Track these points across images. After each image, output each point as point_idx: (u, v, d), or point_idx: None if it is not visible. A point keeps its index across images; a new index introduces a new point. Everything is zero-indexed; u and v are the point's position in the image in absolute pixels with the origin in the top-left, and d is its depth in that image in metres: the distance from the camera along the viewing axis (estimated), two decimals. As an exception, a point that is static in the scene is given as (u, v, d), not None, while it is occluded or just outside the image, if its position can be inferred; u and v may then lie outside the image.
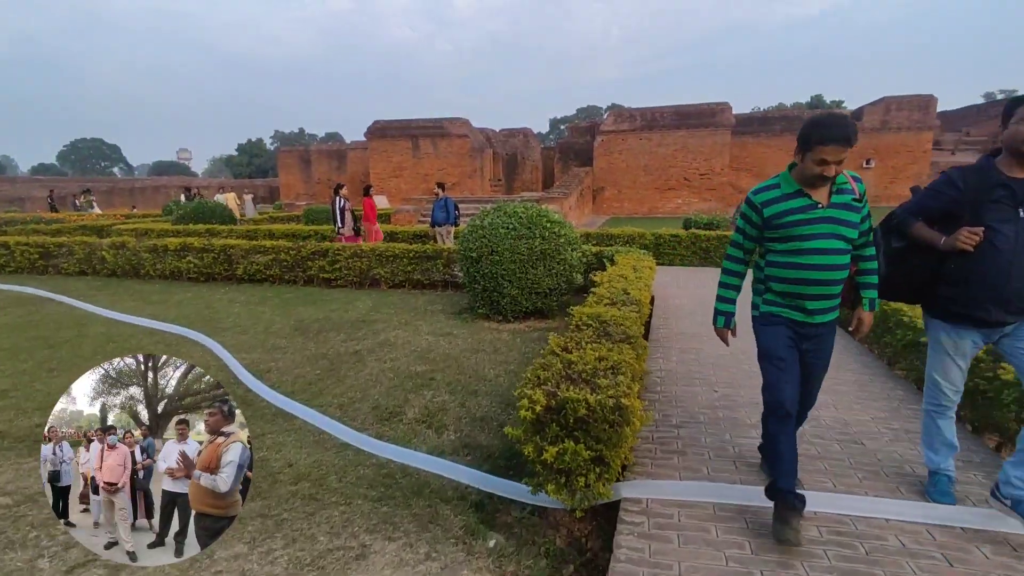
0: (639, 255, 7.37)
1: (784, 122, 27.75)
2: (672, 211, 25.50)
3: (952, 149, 28.57)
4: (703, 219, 12.30)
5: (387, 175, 29.57)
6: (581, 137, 30.94)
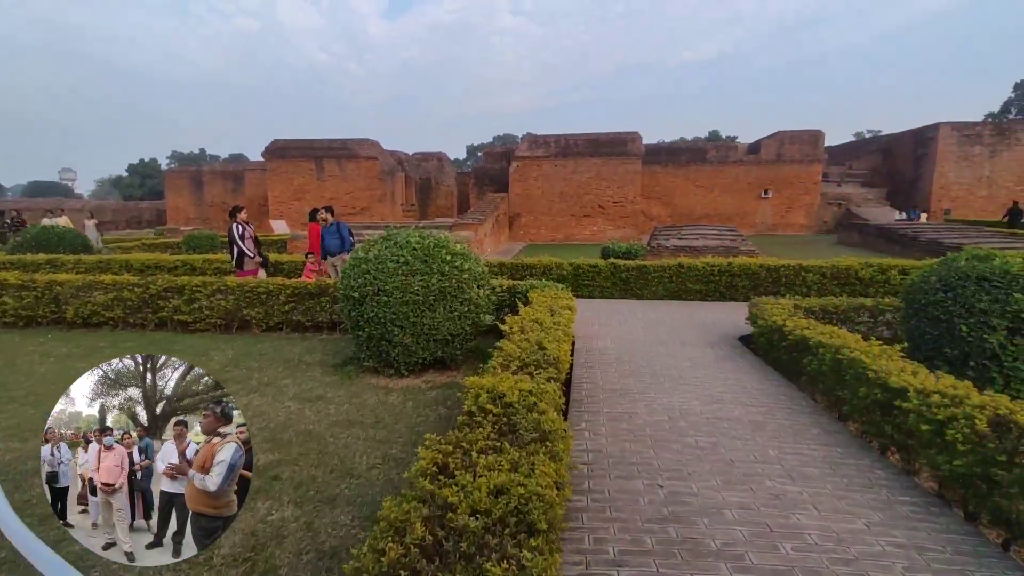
0: (556, 291, 6.43)
1: (689, 153, 28.70)
2: (588, 238, 25.31)
3: (839, 181, 30.76)
4: (621, 247, 11.74)
5: (287, 198, 27.39)
6: (496, 163, 30.40)
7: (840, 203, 28.36)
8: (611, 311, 8.69)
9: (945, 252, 15.47)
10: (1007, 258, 4.67)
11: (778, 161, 27.53)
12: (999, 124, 26.95)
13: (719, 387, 4.72)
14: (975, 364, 4.60)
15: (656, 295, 9.86)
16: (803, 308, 6.33)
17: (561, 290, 6.44)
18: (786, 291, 9.37)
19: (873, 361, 3.76)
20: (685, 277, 9.73)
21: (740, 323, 7.45)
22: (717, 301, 9.64)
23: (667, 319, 8.01)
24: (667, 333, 7.04)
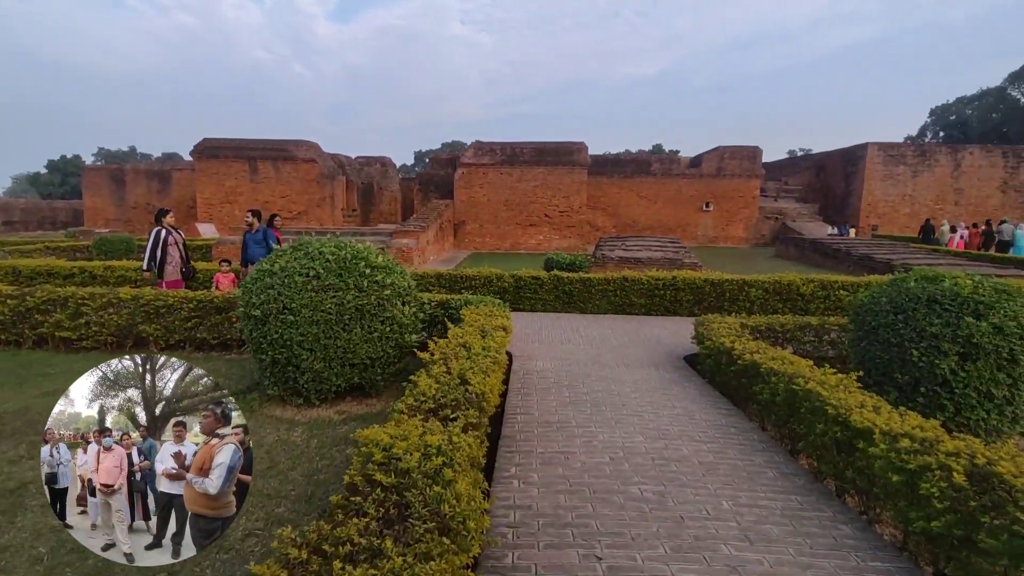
0: (492, 307, 5.89)
1: (634, 165, 28.98)
2: (535, 247, 25.02)
3: (775, 196, 31.87)
4: (565, 259, 11.38)
5: (218, 201, 25.77)
6: (442, 169, 29.76)
7: (777, 217, 29.32)
8: (553, 326, 8.24)
9: (877, 267, 16.03)
10: (956, 279, 4.49)
11: (719, 175, 28.18)
12: (921, 146, 28.62)
13: (665, 418, 4.31)
14: (925, 390, 4.38)
15: (600, 309, 9.51)
16: (750, 327, 6.06)
17: (497, 307, 5.91)
18: (730, 306, 9.21)
19: (831, 394, 3.41)
20: (629, 291, 9.42)
21: (686, 341, 7.14)
22: (662, 316, 9.38)
23: (611, 336, 7.62)
24: (610, 352, 6.64)
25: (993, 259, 16.50)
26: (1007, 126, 51.73)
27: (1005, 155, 27.91)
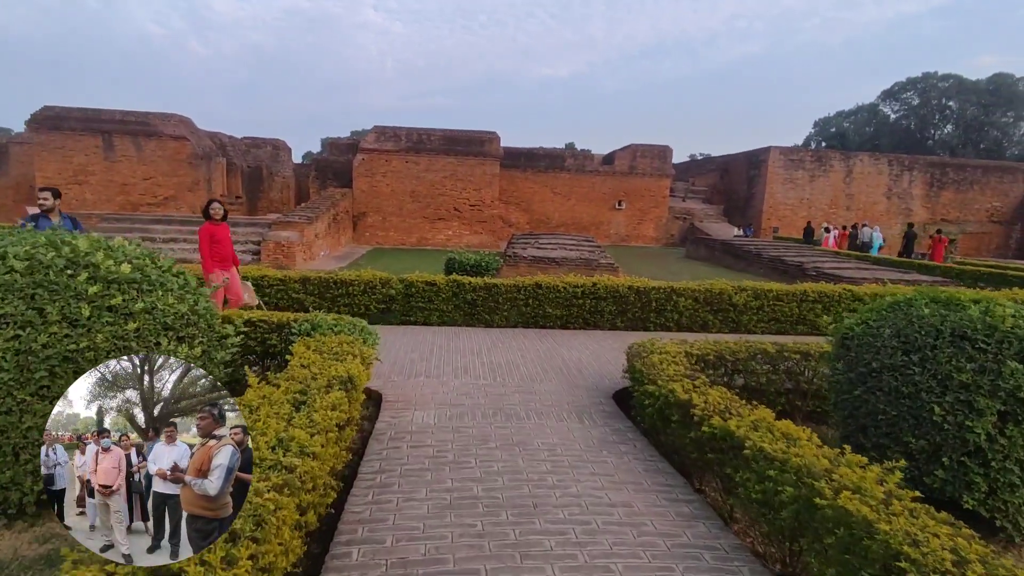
0: (347, 337, 4.06)
1: (548, 159, 27.83)
2: (444, 242, 23.14)
3: (683, 196, 32.08)
4: (469, 258, 9.70)
5: (64, 182, 21.49)
6: (342, 155, 26.99)
7: (685, 217, 29.42)
8: (449, 347, 6.52)
9: (790, 270, 15.73)
10: (987, 305, 3.26)
11: (631, 173, 27.72)
12: (818, 152, 29.75)
13: (603, 536, 2.70)
14: (949, 462, 3.13)
15: (509, 321, 7.91)
16: (695, 356, 4.68)
17: (354, 337, 4.09)
18: (656, 318, 7.96)
19: (887, 521, 1.96)
20: (543, 300, 7.90)
21: (612, 368, 5.70)
22: (580, 329, 7.95)
23: (520, 362, 6.03)
24: (519, 390, 5.03)
25: (896, 263, 16.78)
26: (879, 139, 56.53)
27: (890, 163, 29.66)
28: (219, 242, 6.32)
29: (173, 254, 15.19)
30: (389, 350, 6.08)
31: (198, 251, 6.46)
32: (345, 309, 7.67)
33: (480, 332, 7.51)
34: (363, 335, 4.32)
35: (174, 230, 15.08)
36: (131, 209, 20.97)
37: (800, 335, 8.20)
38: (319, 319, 4.39)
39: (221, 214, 6.44)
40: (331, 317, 4.52)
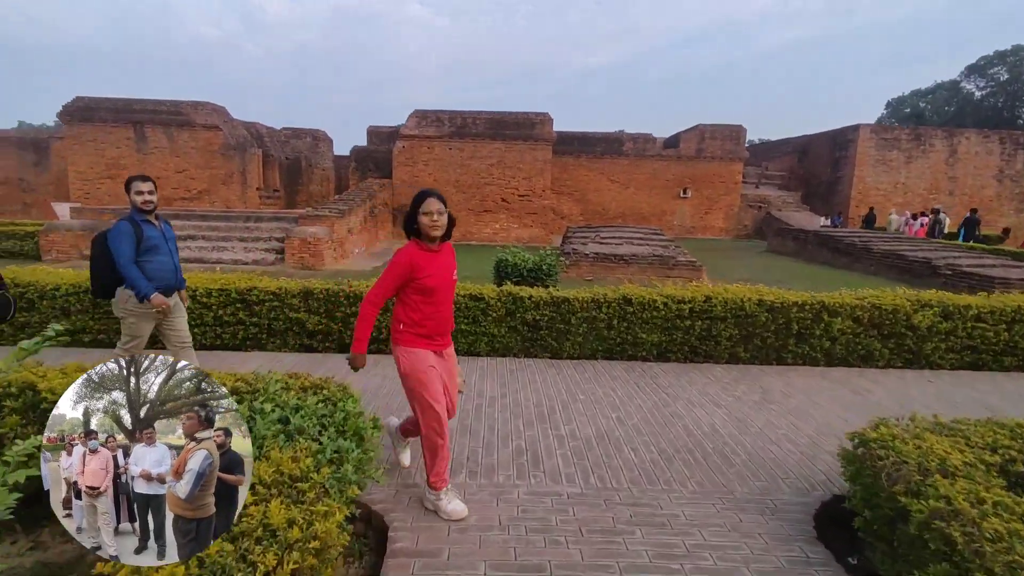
0: (320, 428, 1.90)
1: (605, 144, 25.26)
2: (490, 237, 21.07)
3: (756, 182, 28.84)
4: (526, 260, 7.48)
5: (96, 175, 20.70)
6: (383, 144, 25.33)
7: (760, 206, 26.28)
8: (503, 403, 4.35)
9: (914, 268, 12.76)
10: None
11: (698, 157, 24.86)
12: (916, 130, 25.96)
13: None
14: None
15: (584, 351, 5.68)
16: (993, 463, 2.33)
17: (330, 446, 1.94)
18: (797, 345, 5.56)
19: None
20: (633, 321, 5.62)
21: (772, 442, 3.40)
22: (687, 362, 5.65)
23: (622, 435, 3.79)
24: (639, 514, 2.81)
25: None
26: (961, 118, 50.80)
27: (1002, 141, 25.58)
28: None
29: (189, 252, 13.70)
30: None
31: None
32: (361, 333, 5.63)
33: (546, 368, 5.30)
34: (352, 430, 2.21)
35: (192, 226, 13.54)
36: (165, 204, 19.82)
37: (1008, 371, 5.62)
38: (262, 399, 2.29)
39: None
40: (292, 389, 2.42)
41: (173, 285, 3.98)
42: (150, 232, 3.82)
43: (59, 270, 6.23)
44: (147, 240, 3.77)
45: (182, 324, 4.09)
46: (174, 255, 4.02)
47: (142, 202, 3.79)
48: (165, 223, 4.08)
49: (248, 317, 5.66)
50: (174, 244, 4.08)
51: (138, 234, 3.73)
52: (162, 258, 3.87)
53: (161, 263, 3.86)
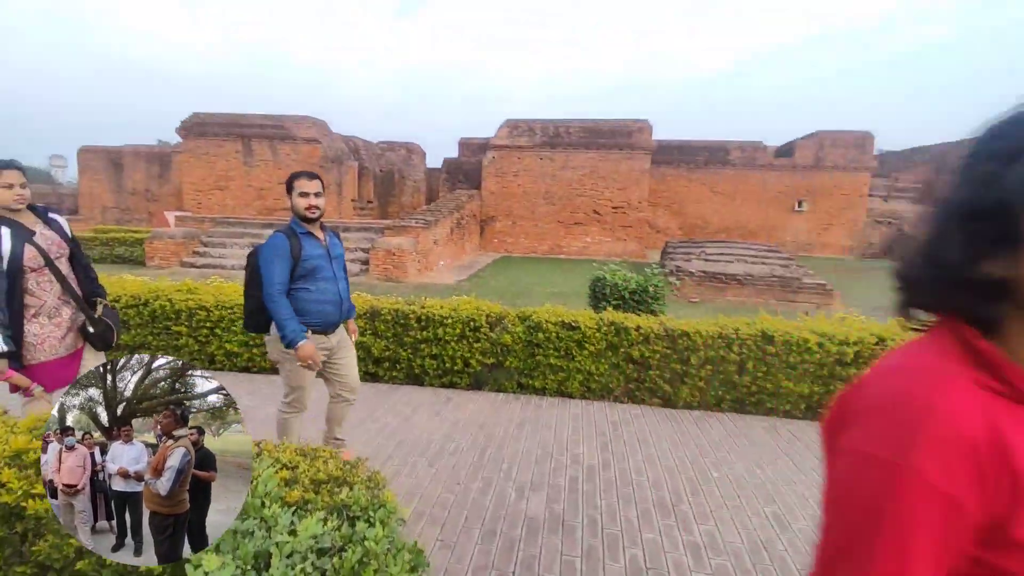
0: None
1: (708, 152, 23.39)
2: (580, 251, 19.95)
3: (885, 195, 25.56)
4: (628, 280, 6.30)
5: (208, 187, 21.91)
6: (474, 155, 25.09)
7: (890, 222, 23.15)
8: (604, 478, 3.23)
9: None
10: None
11: (816, 167, 22.33)
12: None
13: None
14: None
15: (705, 399, 4.44)
16: None
17: None
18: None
19: None
20: (775, 365, 4.31)
21: None
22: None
23: (792, 548, 2.55)
24: None
25: None
26: None
27: None
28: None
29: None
30: (475, 478, 2.98)
31: None
32: (432, 364, 4.75)
33: (659, 422, 4.12)
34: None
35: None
36: (267, 214, 20.58)
37: None
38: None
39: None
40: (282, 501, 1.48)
41: (337, 319, 2.93)
42: (311, 249, 2.79)
43: (129, 278, 5.92)
44: (307, 259, 2.76)
45: (349, 367, 3.09)
46: (340, 280, 2.96)
47: (307, 207, 2.77)
48: (332, 235, 3.04)
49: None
50: (342, 264, 3.02)
51: (295, 251, 2.74)
52: (324, 284, 2.84)
53: (322, 291, 2.83)
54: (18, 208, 2.55)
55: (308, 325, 2.77)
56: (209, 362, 5.15)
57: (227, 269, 12.51)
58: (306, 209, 2.76)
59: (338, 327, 3.00)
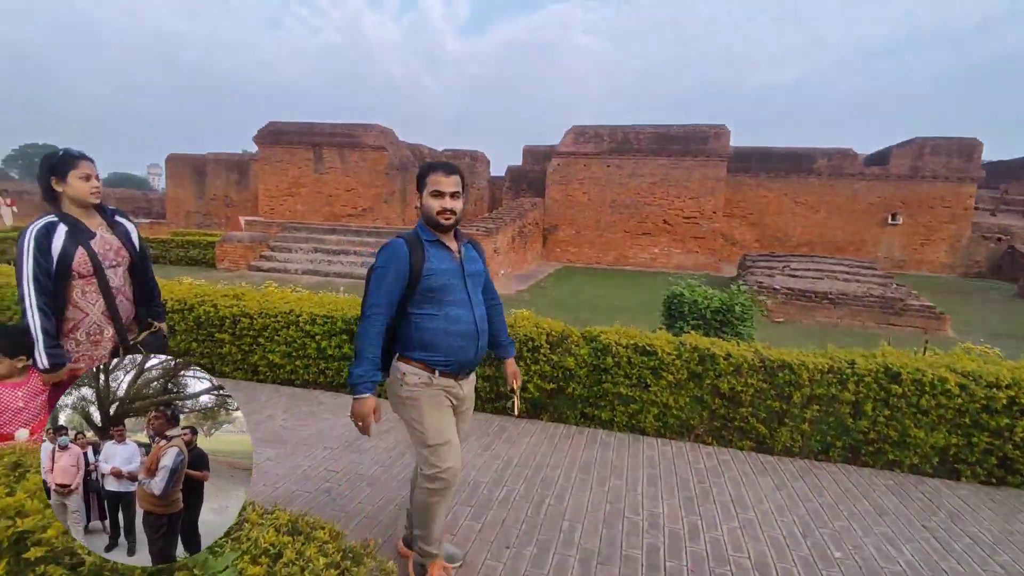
0: None
1: (791, 161, 21.82)
2: (648, 263, 19.02)
3: (992, 209, 22.98)
4: (710, 297, 5.55)
5: (280, 193, 22.62)
6: (538, 164, 24.70)
7: (999, 237, 20.74)
8: (699, 565, 2.58)
9: None
10: None
11: (914, 177, 20.35)
12: None
13: None
14: None
15: (808, 446, 3.68)
16: None
17: None
18: None
19: None
20: (901, 409, 3.49)
21: None
22: (993, 485, 3.37)
23: None
24: None
25: None
26: None
27: None
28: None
29: (340, 267, 13.78)
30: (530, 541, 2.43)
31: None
32: (484, 386, 4.25)
33: (753, 474, 3.40)
34: None
35: (347, 241, 13.60)
36: (334, 220, 20.98)
37: None
38: None
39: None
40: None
41: (471, 358, 2.16)
42: (438, 261, 2.10)
43: (186, 281, 5.79)
44: (430, 274, 2.07)
45: (462, 424, 2.34)
46: (478, 304, 2.19)
47: (439, 211, 2.10)
48: (470, 246, 2.29)
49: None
50: (481, 283, 2.27)
51: (416, 264, 2.07)
52: (456, 310, 2.11)
53: (452, 318, 2.10)
54: (94, 202, 2.30)
55: (432, 364, 2.08)
56: (252, 372, 4.88)
57: (291, 273, 12.63)
58: (439, 213, 2.10)
59: (472, 370, 2.26)
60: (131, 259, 2.39)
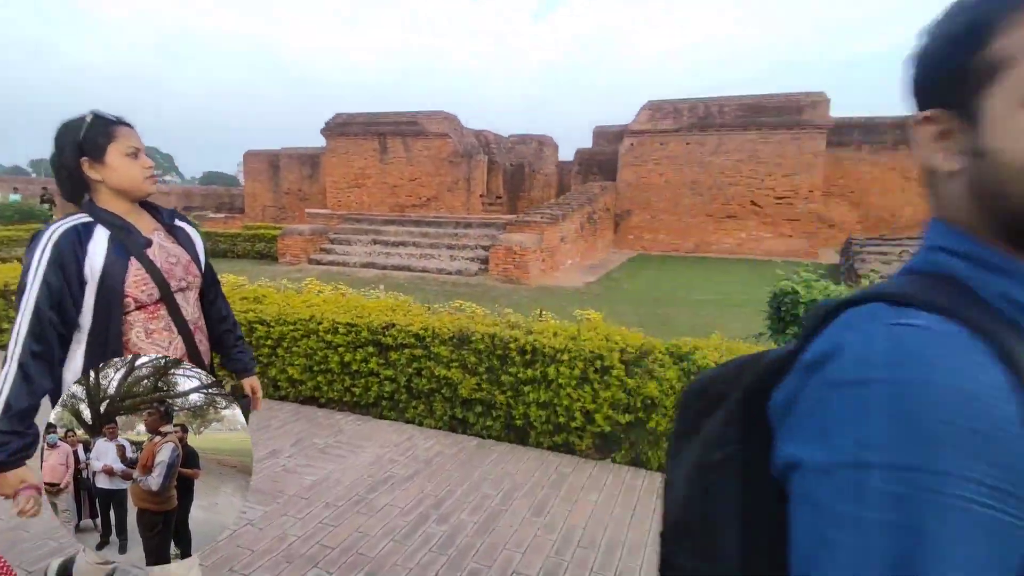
0: None
1: (898, 132, 19.11)
2: (733, 249, 17.28)
3: None
4: (830, 293, 4.29)
5: (346, 185, 22.64)
6: (609, 145, 23.19)
7: None
8: None
9: None
10: None
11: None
12: None
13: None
14: None
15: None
16: None
17: None
18: None
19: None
20: None
21: None
22: None
23: None
24: None
25: None
26: None
27: None
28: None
29: (398, 259, 13.23)
30: None
31: None
32: (540, 416, 3.29)
33: None
34: None
35: (406, 231, 13.03)
36: (399, 211, 20.66)
37: None
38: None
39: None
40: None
41: None
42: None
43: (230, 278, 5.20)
44: None
45: None
46: None
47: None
48: None
49: (382, 368, 3.75)
50: None
51: None
52: None
53: None
54: (151, 191, 1.46)
55: None
56: (273, 388, 4.18)
57: (350, 267, 12.20)
58: None
59: None
60: (201, 278, 1.57)
